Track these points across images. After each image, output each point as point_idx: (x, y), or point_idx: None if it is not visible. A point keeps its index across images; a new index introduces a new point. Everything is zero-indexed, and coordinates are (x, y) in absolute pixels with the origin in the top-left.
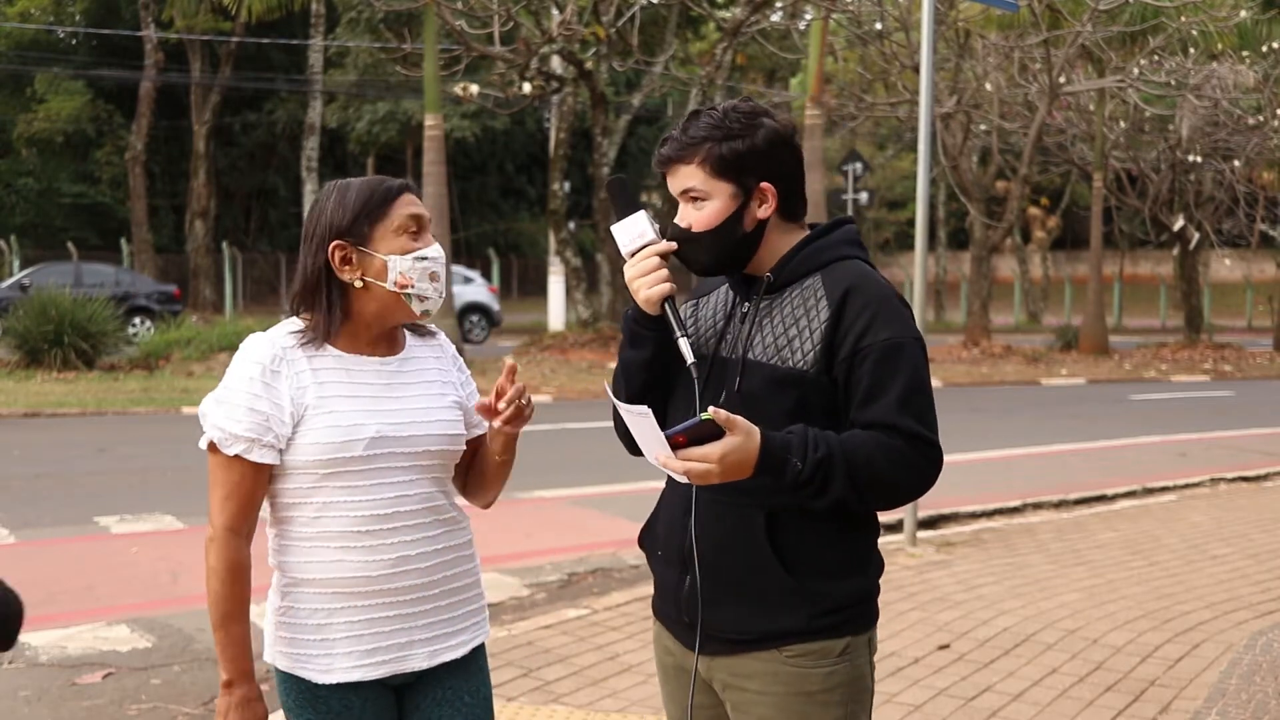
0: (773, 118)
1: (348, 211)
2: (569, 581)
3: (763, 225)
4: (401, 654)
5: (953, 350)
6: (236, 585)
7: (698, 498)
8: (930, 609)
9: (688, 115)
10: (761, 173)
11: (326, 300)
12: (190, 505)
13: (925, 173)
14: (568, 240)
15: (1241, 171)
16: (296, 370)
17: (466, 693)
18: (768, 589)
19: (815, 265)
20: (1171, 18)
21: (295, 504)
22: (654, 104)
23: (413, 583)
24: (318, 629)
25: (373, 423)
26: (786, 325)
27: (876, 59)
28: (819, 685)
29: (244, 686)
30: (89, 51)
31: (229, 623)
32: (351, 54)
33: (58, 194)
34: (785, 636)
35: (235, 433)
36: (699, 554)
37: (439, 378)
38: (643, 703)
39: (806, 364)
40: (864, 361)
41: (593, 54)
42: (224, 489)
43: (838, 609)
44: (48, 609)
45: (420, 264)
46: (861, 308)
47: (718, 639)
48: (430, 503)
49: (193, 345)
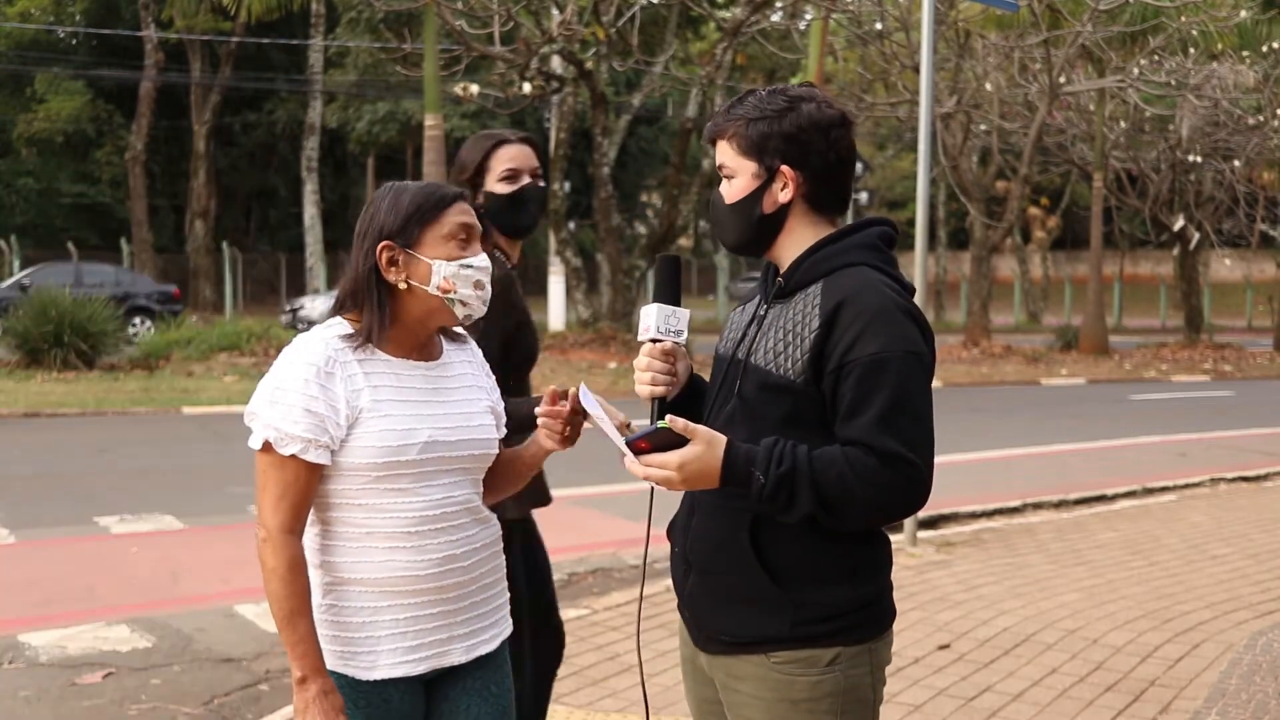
0: (822, 105)
1: (400, 215)
2: (569, 581)
3: (785, 210)
4: (442, 650)
5: (953, 350)
6: (297, 582)
7: (698, 499)
8: (930, 609)
9: (742, 95)
10: (785, 156)
11: (374, 301)
12: (190, 505)
13: (925, 173)
14: (568, 240)
15: (1241, 171)
16: (349, 373)
17: (493, 683)
18: (753, 594)
19: (822, 272)
20: (1171, 18)
21: (343, 505)
22: (654, 104)
23: (456, 580)
24: (362, 627)
25: (425, 428)
26: (785, 333)
27: (876, 59)
28: (805, 694)
29: (319, 680)
30: (89, 51)
31: (296, 619)
32: (351, 54)
33: (58, 194)
34: (770, 642)
35: (292, 433)
36: (695, 554)
37: (474, 383)
38: (642, 703)
39: (795, 374)
40: (848, 376)
41: (593, 54)
42: (278, 489)
43: (825, 618)
44: (48, 609)
45: (465, 271)
46: (852, 320)
47: (714, 638)
48: (470, 503)
49: (193, 345)
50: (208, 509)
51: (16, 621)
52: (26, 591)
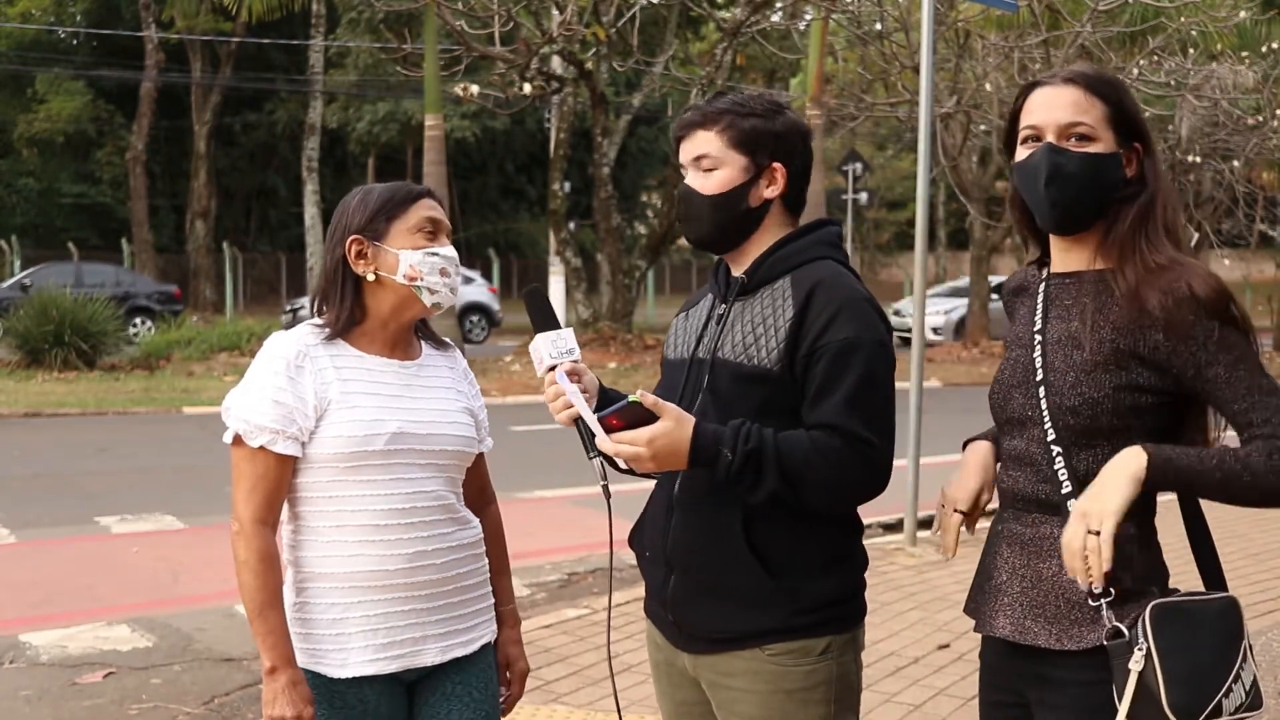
0: (797, 115)
1: (367, 210)
2: (569, 581)
3: (766, 207)
4: (415, 649)
5: (952, 350)
6: (269, 574)
7: (677, 499)
8: (930, 609)
9: (714, 94)
10: (775, 154)
11: (341, 293)
12: (190, 505)
13: (925, 173)
14: (568, 240)
15: (1241, 171)
16: (319, 366)
17: (475, 688)
18: (746, 588)
19: (788, 266)
20: (1171, 18)
21: (313, 498)
22: (654, 104)
23: (428, 578)
24: (333, 624)
25: (393, 419)
26: (754, 325)
27: (876, 59)
28: (800, 683)
29: (288, 670)
30: (90, 52)
31: (266, 611)
32: (352, 54)
33: (58, 194)
34: (765, 635)
35: (260, 424)
36: (679, 554)
37: (453, 385)
38: (642, 703)
39: (771, 362)
40: (819, 360)
41: (593, 54)
42: (249, 481)
43: (816, 608)
44: (48, 609)
45: (430, 259)
46: (823, 306)
47: (701, 638)
48: (443, 501)
49: (193, 345)
50: (208, 509)
51: (17, 621)
52: (27, 591)
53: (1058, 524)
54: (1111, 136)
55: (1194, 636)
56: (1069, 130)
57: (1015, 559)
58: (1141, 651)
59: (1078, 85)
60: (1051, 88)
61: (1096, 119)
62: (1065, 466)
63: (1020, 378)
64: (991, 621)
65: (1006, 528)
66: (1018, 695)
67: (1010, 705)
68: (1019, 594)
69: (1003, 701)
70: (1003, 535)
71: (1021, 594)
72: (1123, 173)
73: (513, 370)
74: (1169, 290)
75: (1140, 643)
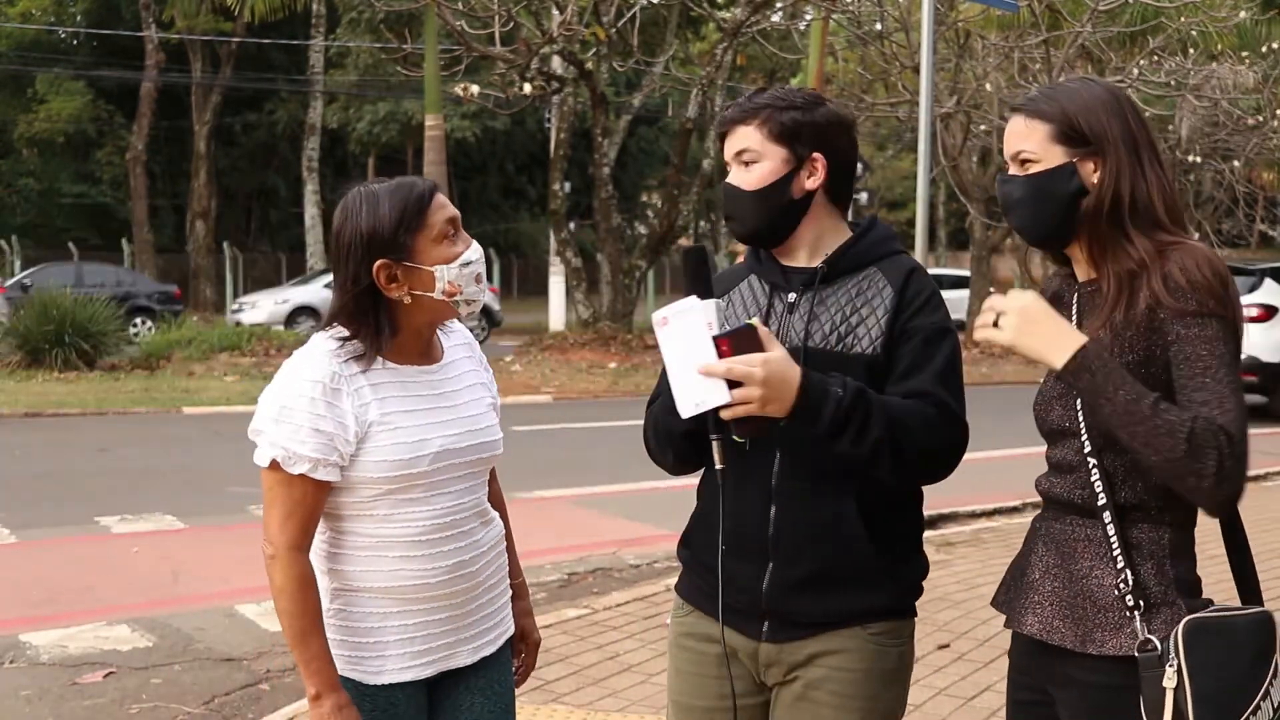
0: (838, 107)
1: (385, 226)
2: (569, 581)
3: (809, 198)
4: (449, 653)
5: None
6: (308, 600)
7: (776, 489)
8: (930, 609)
9: (754, 90)
10: (815, 145)
11: (376, 320)
12: (191, 505)
13: (925, 173)
14: (568, 240)
15: (1241, 172)
16: (356, 387)
17: (496, 681)
18: (857, 569)
19: (874, 256)
20: (1171, 18)
21: (354, 516)
22: (654, 104)
23: (464, 586)
24: (370, 632)
25: (436, 437)
26: (847, 314)
27: (876, 59)
28: (893, 664)
29: (334, 695)
30: (90, 52)
31: (308, 637)
32: (352, 54)
33: (59, 194)
34: (870, 614)
35: (301, 453)
36: (786, 544)
37: (476, 380)
38: (642, 703)
39: (875, 348)
40: (911, 339)
41: (593, 54)
42: (285, 507)
43: (912, 590)
44: (49, 609)
45: (466, 269)
46: (917, 292)
47: (802, 624)
48: (479, 507)
49: (193, 345)
50: (208, 509)
51: (17, 621)
52: (27, 591)
53: (1093, 528)
54: (1059, 150)
55: (1225, 654)
56: (1015, 159)
57: (1050, 557)
58: (1173, 668)
59: (1020, 113)
60: (1008, 121)
61: (1038, 141)
62: (1100, 473)
63: (1060, 389)
64: (1021, 618)
65: (1046, 526)
66: (1044, 694)
67: (1037, 704)
68: (1050, 593)
69: (1029, 700)
70: (1041, 534)
71: (1052, 593)
72: (1077, 181)
73: (513, 370)
74: (1154, 290)
75: (1171, 659)
